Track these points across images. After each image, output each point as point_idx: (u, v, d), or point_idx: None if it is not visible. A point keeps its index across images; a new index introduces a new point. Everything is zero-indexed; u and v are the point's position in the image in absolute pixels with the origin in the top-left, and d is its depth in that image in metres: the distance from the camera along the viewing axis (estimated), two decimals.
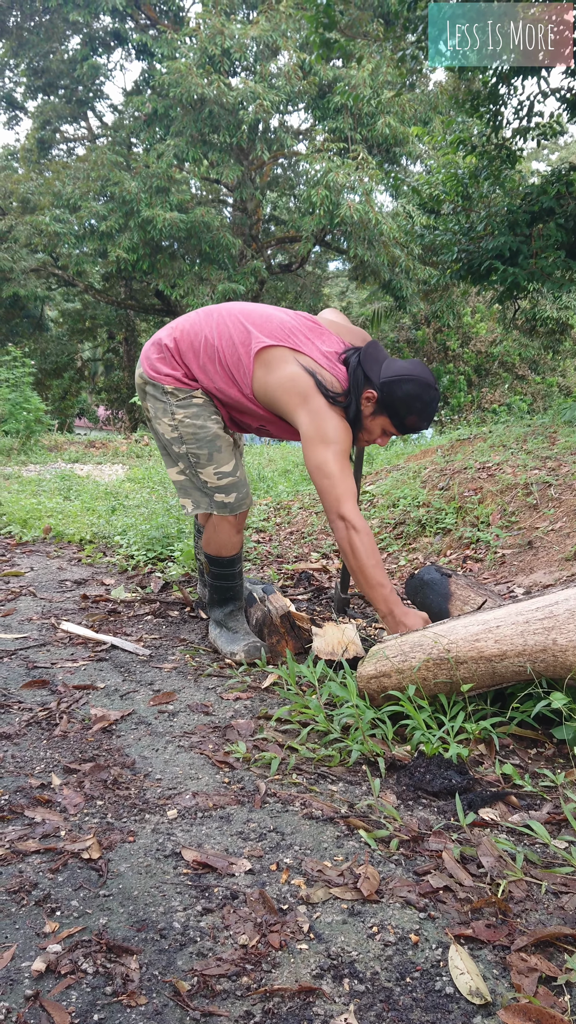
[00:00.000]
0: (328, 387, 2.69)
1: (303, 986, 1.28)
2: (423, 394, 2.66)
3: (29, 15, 20.90)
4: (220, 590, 3.13)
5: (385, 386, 2.67)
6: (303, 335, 2.80)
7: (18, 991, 1.25)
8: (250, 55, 18.14)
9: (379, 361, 2.72)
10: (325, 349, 2.79)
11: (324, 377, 2.70)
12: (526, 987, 1.28)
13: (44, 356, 26.17)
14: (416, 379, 2.66)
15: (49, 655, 2.97)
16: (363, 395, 2.72)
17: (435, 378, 2.72)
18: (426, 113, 18.09)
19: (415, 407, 2.68)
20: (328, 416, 2.66)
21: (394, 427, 2.75)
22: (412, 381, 2.65)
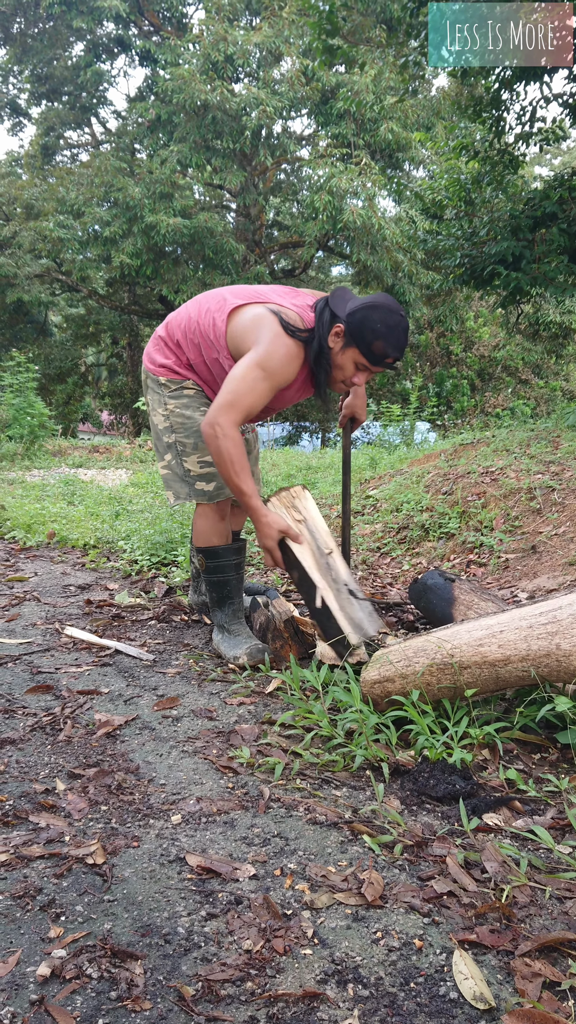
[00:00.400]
0: (290, 322, 2.73)
1: (307, 991, 1.28)
2: (387, 318, 2.65)
3: (33, 22, 20.99)
4: (217, 586, 3.13)
5: (350, 316, 2.69)
6: (276, 294, 2.90)
7: (23, 996, 1.26)
8: (253, 61, 18.20)
9: (346, 300, 2.76)
10: (297, 302, 2.87)
11: (288, 315, 2.75)
12: (530, 992, 1.28)
13: (48, 361, 26.23)
14: (379, 305, 2.67)
15: (53, 660, 2.98)
16: (331, 332, 2.74)
17: (401, 307, 2.71)
18: (429, 118, 18.12)
19: (379, 331, 2.66)
20: (277, 343, 2.69)
21: (364, 357, 2.73)
22: (375, 307, 2.66)
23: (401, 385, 21.96)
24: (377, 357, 2.71)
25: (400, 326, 2.67)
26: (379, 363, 2.74)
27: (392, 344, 2.67)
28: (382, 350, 2.69)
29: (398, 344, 2.68)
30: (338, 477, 7.59)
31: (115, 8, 18.60)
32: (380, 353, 2.70)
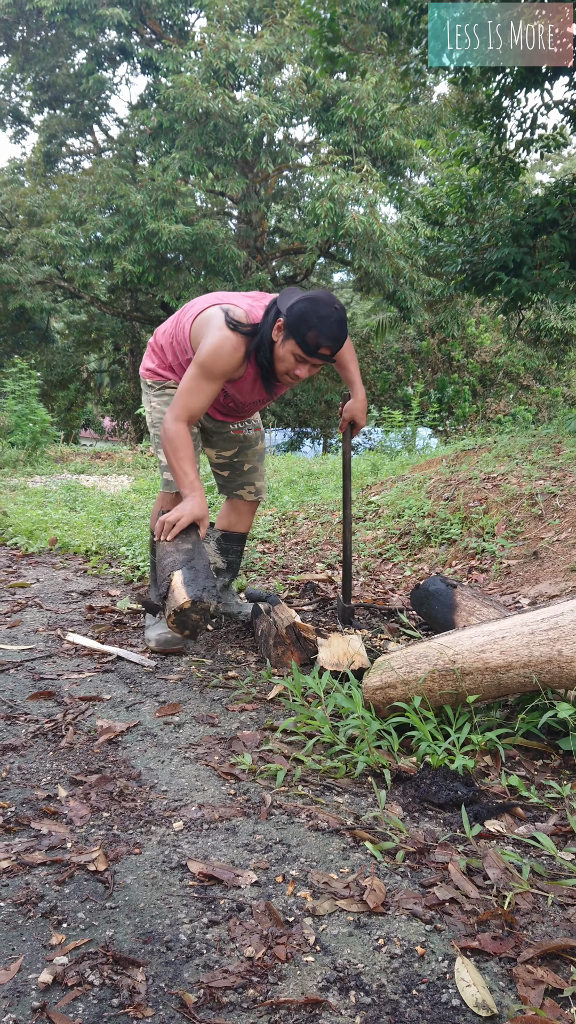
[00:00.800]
0: (235, 318, 2.85)
1: (309, 998, 1.28)
2: (320, 310, 2.72)
3: (35, 30, 21.07)
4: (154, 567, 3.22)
5: (289, 309, 2.77)
6: (240, 296, 3.02)
7: (25, 1003, 1.26)
8: (255, 69, 18.27)
9: (291, 297, 2.83)
10: (254, 303, 2.98)
11: (236, 313, 2.87)
12: (532, 999, 1.28)
13: (50, 368, 26.27)
14: (315, 299, 2.75)
15: (55, 667, 2.98)
16: (275, 326, 2.82)
17: (338, 301, 2.77)
18: (430, 125, 18.18)
19: (312, 322, 2.71)
20: (218, 338, 2.82)
21: (300, 348, 2.78)
22: (311, 300, 2.74)
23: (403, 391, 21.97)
24: (311, 347, 2.76)
25: (332, 317, 2.72)
26: (314, 353, 2.78)
27: (324, 334, 2.73)
28: (315, 340, 2.74)
29: (330, 334, 2.73)
30: (339, 483, 7.60)
31: (117, 16, 18.68)
32: (313, 343, 2.75)
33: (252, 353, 2.91)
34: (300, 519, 6.03)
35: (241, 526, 3.57)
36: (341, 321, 2.75)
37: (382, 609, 3.78)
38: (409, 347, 23.42)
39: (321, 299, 2.75)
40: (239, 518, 3.55)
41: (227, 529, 3.57)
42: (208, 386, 2.87)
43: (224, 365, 2.85)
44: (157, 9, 20.61)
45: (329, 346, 2.76)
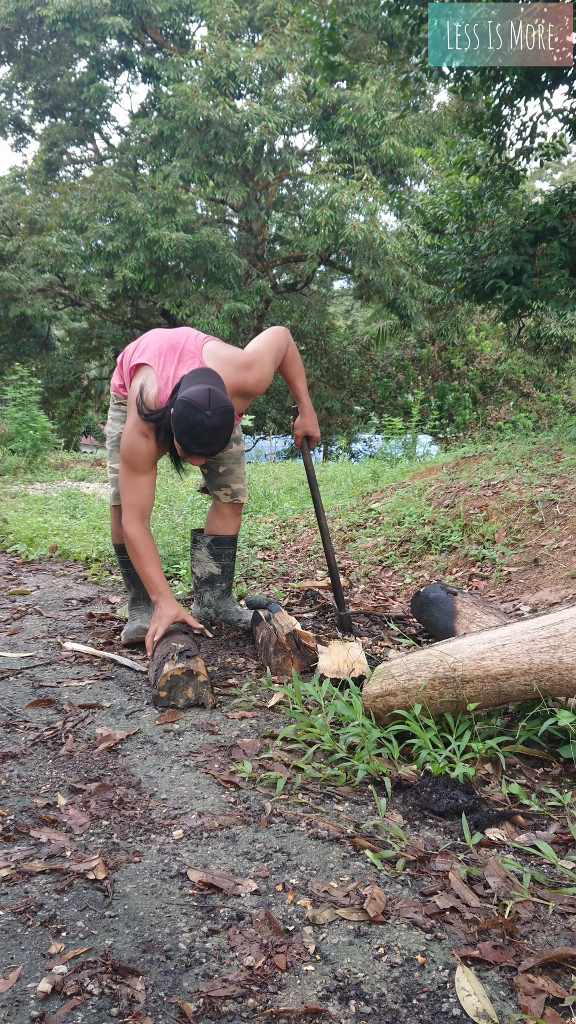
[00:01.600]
0: (146, 402, 2.88)
1: (309, 1008, 1.27)
2: (189, 415, 2.65)
3: (36, 38, 21.17)
4: (121, 572, 3.57)
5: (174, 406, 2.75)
6: (170, 357, 2.98)
7: (24, 1012, 1.25)
8: (255, 77, 18.33)
9: (192, 382, 2.76)
10: (177, 371, 2.93)
11: (148, 394, 2.89)
12: (533, 1009, 1.27)
13: (51, 375, 26.31)
14: (186, 401, 2.66)
15: (55, 674, 2.98)
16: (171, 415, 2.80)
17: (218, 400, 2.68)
18: (430, 134, 18.23)
19: (182, 426, 2.68)
20: (129, 431, 2.93)
21: (179, 447, 2.78)
22: (183, 402, 2.67)
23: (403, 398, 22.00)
24: (186, 449, 2.76)
25: (202, 424, 2.65)
26: (190, 453, 2.78)
27: (194, 440, 2.70)
28: (187, 445, 2.73)
29: (197, 441, 2.69)
30: (339, 490, 7.60)
31: (118, 25, 18.76)
32: (187, 447, 2.74)
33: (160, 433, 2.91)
34: (300, 526, 6.03)
35: (228, 529, 3.58)
36: (213, 428, 2.66)
37: (382, 616, 3.78)
38: (409, 354, 23.45)
39: (196, 404, 2.65)
40: (223, 521, 3.56)
41: (215, 533, 3.58)
42: (140, 479, 2.98)
43: (141, 460, 2.94)
44: (158, 18, 20.69)
45: (201, 452, 2.74)
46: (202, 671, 2.69)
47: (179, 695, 2.68)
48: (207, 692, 2.70)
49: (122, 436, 2.98)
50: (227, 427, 2.71)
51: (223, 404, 2.68)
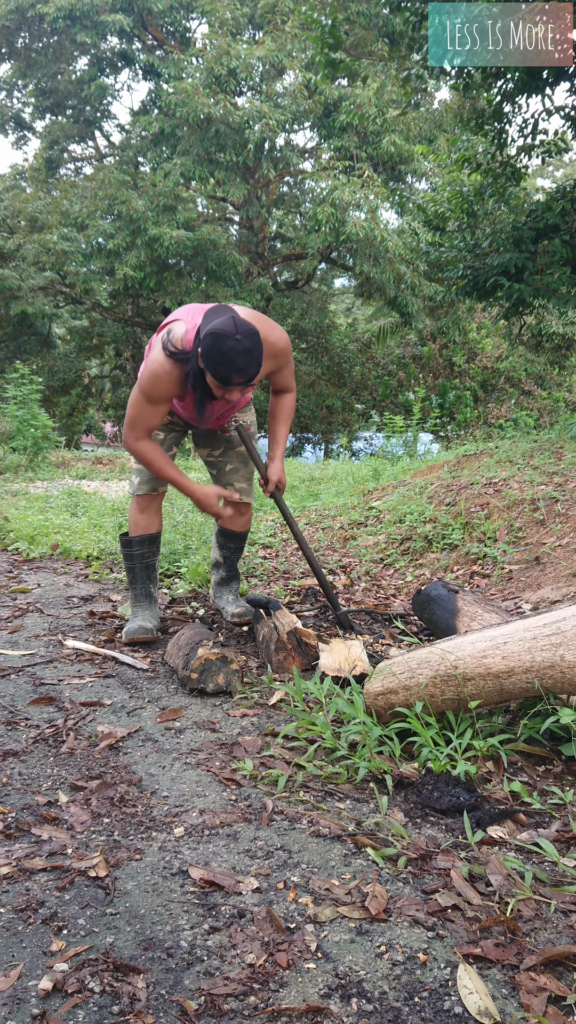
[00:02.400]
0: (172, 340, 2.92)
1: (311, 1005, 1.27)
2: (220, 344, 2.70)
3: (37, 36, 21.13)
4: (125, 566, 3.56)
5: (200, 342, 2.79)
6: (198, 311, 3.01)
7: (25, 1010, 1.25)
8: (256, 75, 18.29)
9: (214, 316, 2.82)
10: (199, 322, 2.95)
11: (176, 333, 2.93)
12: (535, 1007, 1.27)
13: (51, 373, 26.27)
14: (214, 332, 2.72)
15: (56, 672, 2.98)
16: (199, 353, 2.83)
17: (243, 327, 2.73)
18: (431, 131, 18.19)
19: (215, 356, 2.72)
20: (151, 363, 2.97)
21: (215, 380, 2.81)
22: (211, 334, 2.72)
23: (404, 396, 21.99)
24: (223, 380, 2.78)
25: (234, 349, 2.70)
26: (229, 383, 2.80)
27: (229, 366, 2.73)
28: (224, 374, 2.76)
29: (234, 366, 2.73)
30: (340, 488, 7.60)
31: (119, 23, 18.72)
32: (224, 377, 2.77)
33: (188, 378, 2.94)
34: (302, 524, 6.02)
35: (235, 525, 3.62)
36: (245, 351, 2.72)
37: (383, 615, 3.78)
38: (410, 352, 23.43)
39: (224, 332, 2.71)
40: (231, 518, 3.59)
41: (223, 526, 3.65)
42: (152, 409, 3.04)
43: (159, 392, 2.98)
44: (159, 15, 20.65)
45: (239, 376, 2.77)
46: (235, 659, 2.78)
47: (209, 679, 2.74)
48: (237, 680, 2.77)
49: (142, 370, 3.01)
50: (258, 349, 2.76)
51: (249, 328, 2.75)
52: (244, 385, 2.83)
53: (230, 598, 3.70)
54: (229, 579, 3.75)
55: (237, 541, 3.69)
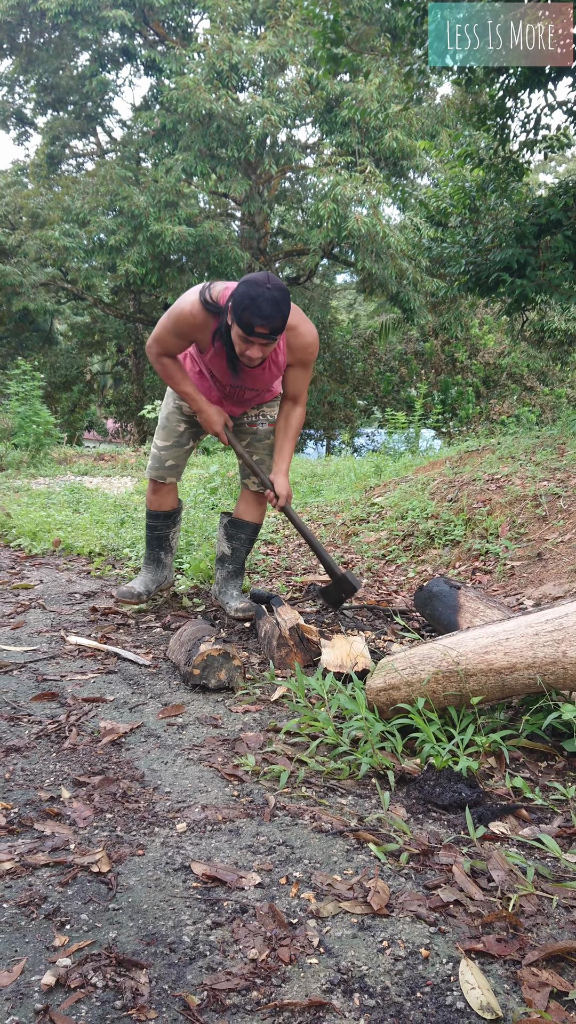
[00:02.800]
0: (211, 290, 3.07)
1: (313, 1000, 1.27)
2: (250, 290, 2.82)
3: (38, 32, 21.09)
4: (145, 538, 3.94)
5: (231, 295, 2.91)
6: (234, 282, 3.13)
7: (28, 1005, 1.25)
8: (258, 70, 18.26)
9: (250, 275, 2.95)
10: None
11: (215, 290, 3.07)
12: (537, 1002, 1.27)
13: (53, 369, 26.27)
14: (248, 280, 2.86)
15: (58, 668, 2.98)
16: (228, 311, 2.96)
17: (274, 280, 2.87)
18: (433, 126, 18.14)
19: (244, 302, 2.82)
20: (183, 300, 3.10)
21: (240, 329, 2.90)
22: (244, 282, 2.86)
23: (406, 392, 21.97)
24: (247, 327, 2.87)
25: (263, 296, 2.81)
26: (252, 332, 2.89)
27: (256, 313, 2.82)
28: (249, 320, 2.84)
29: (261, 313, 2.82)
30: (342, 484, 7.60)
31: (120, 18, 18.68)
32: (247, 323, 2.85)
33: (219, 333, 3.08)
34: (304, 520, 6.02)
35: (248, 515, 3.71)
36: (273, 300, 2.84)
37: (385, 611, 3.78)
38: (412, 348, 23.40)
39: (256, 280, 2.85)
40: (247, 507, 3.70)
41: (235, 516, 3.73)
42: (172, 339, 3.18)
43: (182, 325, 3.11)
44: (160, 11, 20.60)
45: (263, 324, 2.85)
46: (237, 655, 2.79)
47: (211, 675, 2.76)
48: (239, 676, 2.79)
49: (173, 307, 3.13)
50: (286, 303, 2.87)
51: (280, 283, 2.88)
52: (267, 339, 2.91)
53: (234, 593, 3.71)
54: (235, 574, 3.76)
55: (247, 532, 3.72)
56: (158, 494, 3.74)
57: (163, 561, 3.89)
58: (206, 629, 3.01)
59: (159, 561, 3.88)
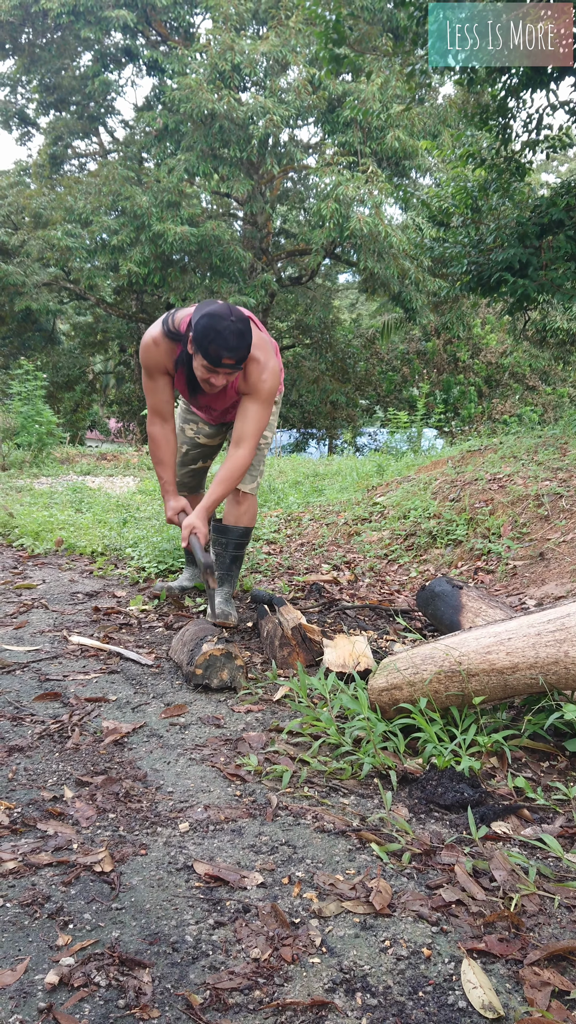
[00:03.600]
0: (174, 317, 3.16)
1: (315, 1000, 1.28)
2: (215, 323, 2.89)
3: (41, 32, 21.11)
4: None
5: (191, 326, 2.98)
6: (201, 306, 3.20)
7: (31, 1004, 1.26)
8: (260, 70, 18.27)
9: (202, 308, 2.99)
10: None
11: (178, 317, 3.17)
12: (539, 1001, 1.28)
13: (56, 369, 26.29)
14: (209, 313, 2.91)
15: (61, 667, 2.98)
16: (189, 340, 3.04)
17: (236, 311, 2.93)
18: (435, 126, 18.15)
19: (210, 335, 2.90)
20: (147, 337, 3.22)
21: (205, 360, 2.96)
22: (207, 315, 2.91)
23: (408, 392, 21.96)
24: (214, 359, 2.95)
25: (228, 330, 2.89)
26: (218, 364, 2.96)
27: (221, 344, 2.90)
28: (216, 352, 2.92)
29: (226, 344, 2.90)
30: (344, 484, 7.60)
31: (123, 18, 18.70)
32: (215, 356, 2.93)
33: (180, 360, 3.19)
34: (306, 520, 6.03)
35: (227, 516, 3.57)
36: (238, 332, 2.91)
37: (387, 610, 3.78)
38: (414, 348, 23.40)
39: (219, 313, 2.91)
40: (228, 510, 3.59)
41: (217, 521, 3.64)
42: (149, 383, 3.29)
43: (147, 360, 3.23)
44: (163, 11, 20.62)
45: (229, 355, 2.93)
46: (239, 655, 2.80)
47: (214, 675, 2.77)
48: (241, 676, 2.80)
49: (141, 342, 3.24)
50: (249, 334, 2.95)
51: (243, 314, 2.96)
52: (233, 368, 2.98)
53: (218, 600, 3.51)
54: (219, 581, 3.57)
55: (228, 536, 3.54)
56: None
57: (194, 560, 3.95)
58: (208, 628, 3.01)
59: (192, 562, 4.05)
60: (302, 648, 3.03)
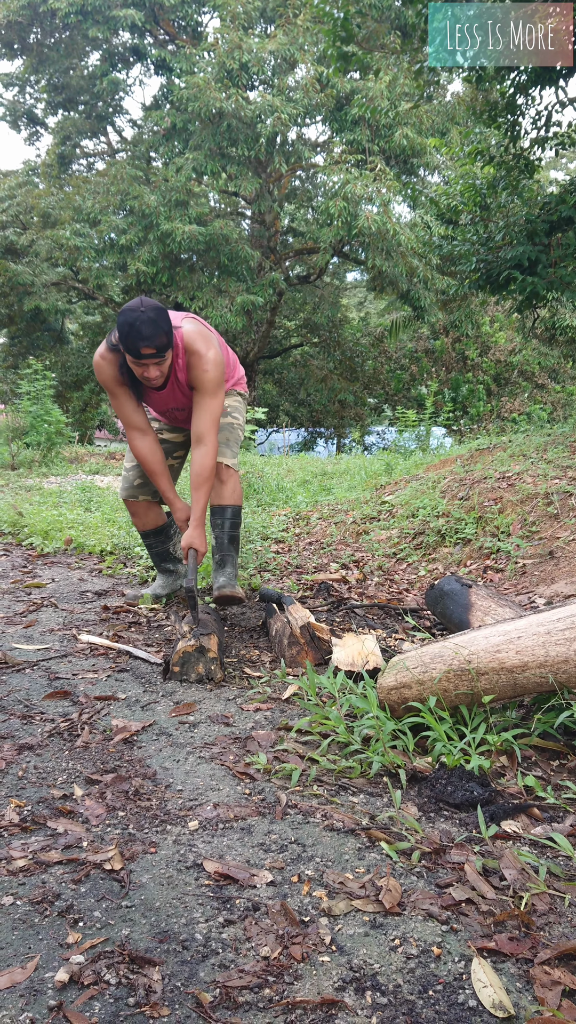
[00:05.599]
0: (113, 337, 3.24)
1: (325, 998, 1.28)
2: (127, 317, 3.00)
3: (49, 32, 21.14)
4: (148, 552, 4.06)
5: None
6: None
7: (41, 1002, 1.26)
8: (268, 69, 18.24)
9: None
10: None
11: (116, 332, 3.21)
12: (550, 1000, 1.27)
13: (65, 369, 26.35)
14: (124, 309, 3.04)
15: (71, 666, 2.99)
16: None
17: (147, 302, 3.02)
18: (444, 124, 18.11)
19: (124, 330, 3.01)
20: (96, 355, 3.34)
21: (129, 355, 3.10)
22: (120, 312, 3.03)
23: (417, 390, 21.94)
24: (134, 351, 3.06)
25: (139, 320, 2.98)
26: (139, 356, 3.08)
27: (136, 336, 3.01)
28: (133, 345, 3.04)
29: (140, 335, 3.00)
30: (353, 483, 7.59)
31: (131, 17, 18.71)
32: (133, 349, 3.05)
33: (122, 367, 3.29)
34: (314, 519, 6.02)
35: (216, 496, 3.71)
36: (150, 320, 3.00)
37: (396, 609, 3.78)
38: (423, 346, 23.37)
39: (130, 307, 3.01)
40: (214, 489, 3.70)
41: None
42: (113, 400, 3.39)
43: (102, 377, 3.33)
44: (171, 10, 20.62)
45: (146, 344, 3.03)
46: (212, 648, 2.88)
47: (191, 670, 2.87)
48: (216, 668, 2.87)
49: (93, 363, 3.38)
50: (163, 320, 3.03)
51: (153, 303, 3.03)
52: (156, 357, 3.08)
53: (221, 580, 3.62)
54: (222, 562, 3.71)
55: (222, 516, 3.72)
56: (137, 515, 3.84)
57: (173, 570, 4.01)
58: (209, 624, 3.04)
59: (168, 571, 4.00)
60: (311, 647, 3.03)
